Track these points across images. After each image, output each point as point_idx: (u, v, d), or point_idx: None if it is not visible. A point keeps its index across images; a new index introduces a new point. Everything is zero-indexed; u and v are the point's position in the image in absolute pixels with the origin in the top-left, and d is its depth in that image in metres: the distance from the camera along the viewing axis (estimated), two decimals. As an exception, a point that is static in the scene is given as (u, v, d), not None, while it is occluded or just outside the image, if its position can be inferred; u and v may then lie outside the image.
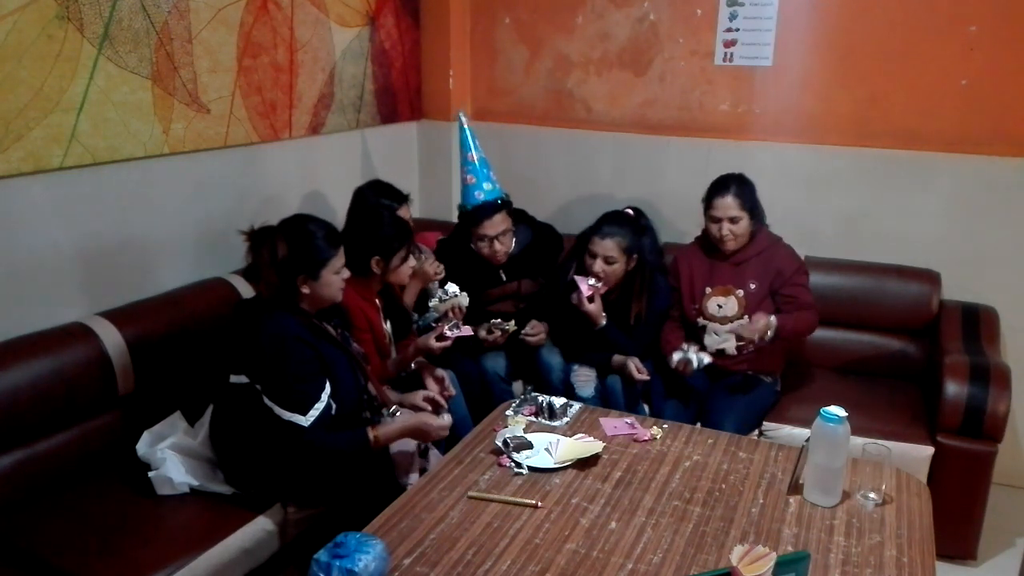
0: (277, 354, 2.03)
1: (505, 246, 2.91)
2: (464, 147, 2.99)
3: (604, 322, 2.78)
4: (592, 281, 2.72)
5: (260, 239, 2.07)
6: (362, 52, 3.34)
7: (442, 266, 2.85)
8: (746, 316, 2.68)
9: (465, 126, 3.01)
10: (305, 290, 2.10)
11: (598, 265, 2.73)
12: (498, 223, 2.86)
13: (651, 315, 2.84)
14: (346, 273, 2.20)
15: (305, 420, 2.03)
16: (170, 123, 2.51)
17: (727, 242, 2.71)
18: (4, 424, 2.01)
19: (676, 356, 2.65)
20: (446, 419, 2.27)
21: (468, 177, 2.93)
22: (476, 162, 2.94)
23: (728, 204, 2.67)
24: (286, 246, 2.06)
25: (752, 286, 2.71)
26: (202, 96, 2.61)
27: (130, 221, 2.46)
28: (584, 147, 3.60)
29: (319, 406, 2.05)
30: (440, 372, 2.57)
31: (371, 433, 2.12)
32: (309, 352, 2.07)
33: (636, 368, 2.74)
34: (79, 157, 2.26)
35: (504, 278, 3.01)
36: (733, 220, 2.68)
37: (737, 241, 2.71)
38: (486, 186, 2.91)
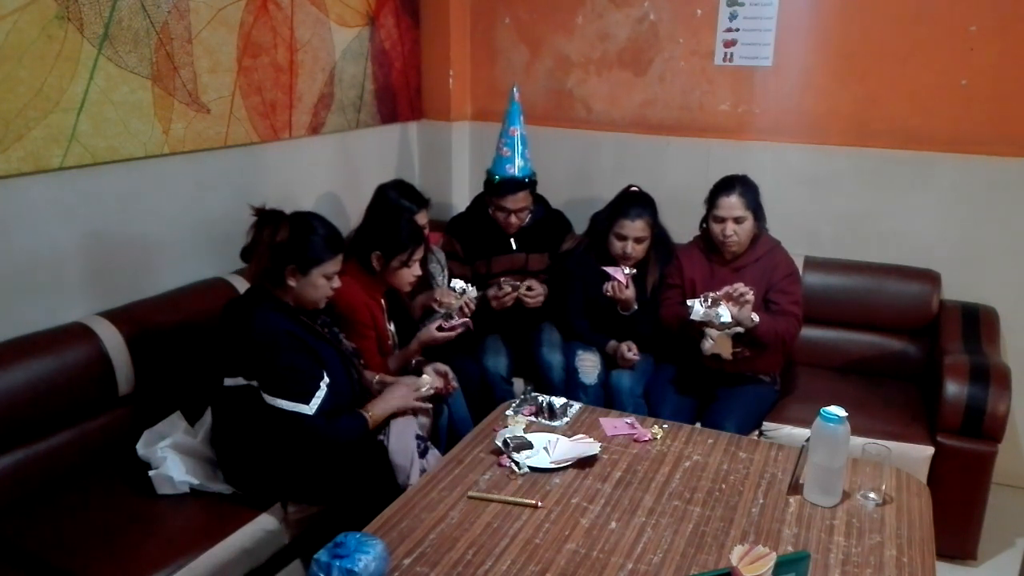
0: (271, 347, 2.03)
1: (521, 220, 3.02)
2: (509, 121, 3.10)
3: (637, 306, 2.85)
4: (626, 270, 2.80)
5: (267, 218, 2.10)
6: (362, 52, 3.34)
7: (472, 304, 2.76)
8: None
9: (515, 100, 3.12)
10: (291, 282, 2.11)
11: (630, 247, 2.81)
12: (520, 200, 2.98)
13: (662, 285, 2.91)
14: (337, 283, 2.20)
15: (309, 408, 2.04)
16: (170, 123, 2.51)
17: (730, 244, 2.69)
18: (4, 424, 2.00)
19: (698, 309, 2.53)
20: (424, 379, 2.38)
21: (504, 150, 3.06)
22: (516, 137, 3.07)
23: (733, 204, 2.65)
24: (288, 233, 2.08)
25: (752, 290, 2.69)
26: (202, 96, 2.61)
27: (130, 221, 2.46)
28: (584, 147, 3.60)
29: (320, 395, 2.06)
30: (442, 367, 2.58)
31: (366, 413, 2.17)
32: (302, 344, 2.08)
33: (627, 348, 2.82)
34: (79, 157, 2.26)
35: (515, 247, 3.06)
36: (738, 220, 2.65)
37: (740, 244, 2.69)
38: (519, 162, 3.04)
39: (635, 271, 2.84)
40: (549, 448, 2.09)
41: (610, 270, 2.81)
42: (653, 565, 1.68)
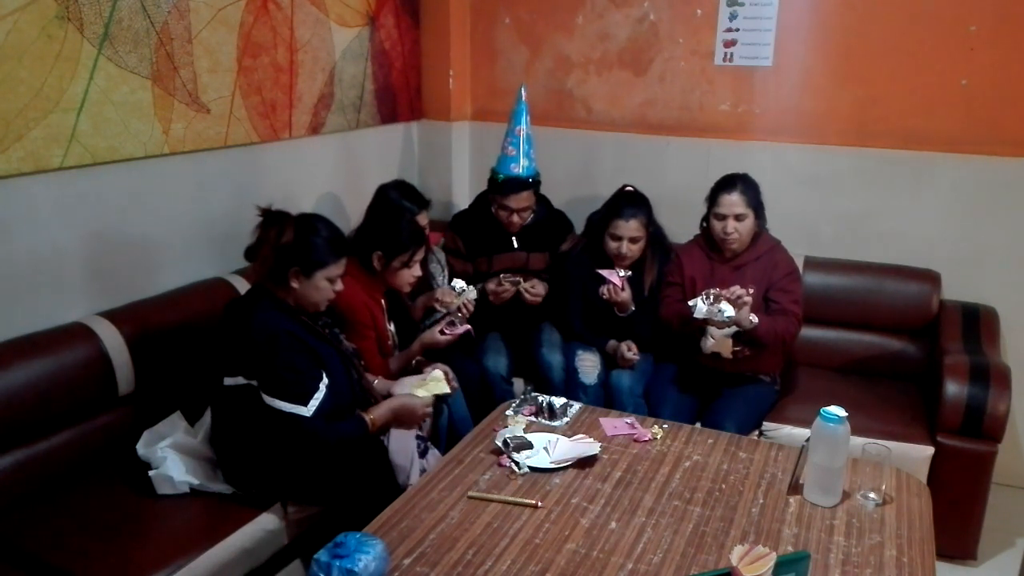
0: (271, 348, 2.03)
1: (523, 219, 3.03)
2: (515, 120, 3.11)
3: (634, 307, 2.85)
4: (621, 273, 2.80)
5: (272, 219, 2.10)
6: (362, 52, 3.34)
7: (471, 304, 2.76)
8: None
9: (523, 100, 3.12)
10: (294, 284, 2.11)
11: (625, 247, 2.80)
12: (523, 199, 2.99)
13: (661, 283, 2.91)
14: (339, 286, 2.20)
15: (307, 410, 2.03)
16: (170, 123, 2.51)
17: (731, 241, 2.69)
18: (4, 424, 2.00)
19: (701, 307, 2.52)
20: (437, 375, 2.38)
21: (509, 149, 3.07)
22: (521, 136, 3.07)
23: (734, 201, 2.67)
24: (293, 234, 2.08)
25: (750, 291, 2.69)
26: (202, 96, 2.61)
27: (130, 221, 2.45)
28: (584, 147, 3.60)
29: (319, 396, 2.06)
30: (442, 367, 2.57)
31: (367, 417, 2.16)
32: (301, 345, 2.08)
33: (627, 347, 2.81)
34: (79, 157, 2.26)
35: (516, 245, 3.08)
36: (738, 218, 2.67)
37: (741, 241, 2.70)
38: (523, 162, 3.05)
39: (630, 273, 2.83)
40: (549, 448, 2.09)
41: (605, 273, 2.80)
42: (653, 565, 1.68)
